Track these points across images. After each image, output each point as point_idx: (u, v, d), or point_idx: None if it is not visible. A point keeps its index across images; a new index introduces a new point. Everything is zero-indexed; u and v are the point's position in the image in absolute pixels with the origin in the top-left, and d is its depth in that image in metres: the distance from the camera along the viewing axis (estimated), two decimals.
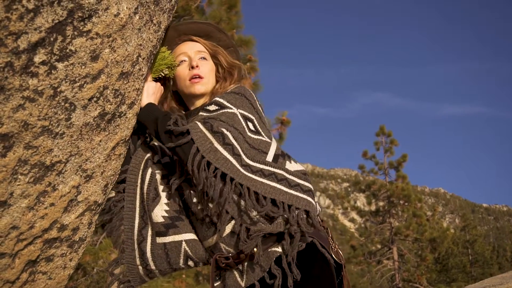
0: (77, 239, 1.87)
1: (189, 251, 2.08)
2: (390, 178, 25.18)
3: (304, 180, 2.01)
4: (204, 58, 2.28)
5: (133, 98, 1.89)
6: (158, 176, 2.13)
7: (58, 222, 1.74)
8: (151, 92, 2.07)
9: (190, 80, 2.23)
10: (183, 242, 2.08)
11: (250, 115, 2.08)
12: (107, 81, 1.70)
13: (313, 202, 1.98)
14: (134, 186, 2.12)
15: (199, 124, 1.93)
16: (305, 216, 1.91)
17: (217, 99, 2.08)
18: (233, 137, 1.93)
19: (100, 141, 1.79)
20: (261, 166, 1.95)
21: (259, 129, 2.08)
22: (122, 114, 1.86)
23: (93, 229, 1.93)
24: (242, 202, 1.90)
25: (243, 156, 1.93)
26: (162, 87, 2.18)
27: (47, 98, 1.52)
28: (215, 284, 2.01)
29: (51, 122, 1.57)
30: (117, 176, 2.00)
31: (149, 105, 2.03)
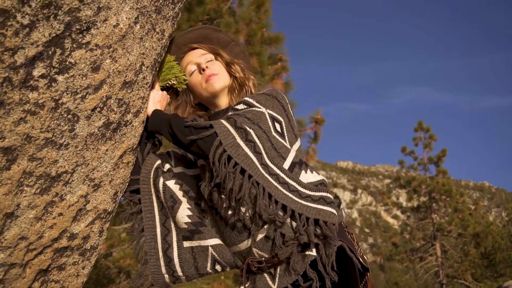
0: (89, 247, 1.89)
1: (216, 255, 2.08)
2: (431, 173, 24.83)
3: (315, 191, 1.98)
4: (211, 60, 2.32)
5: (139, 107, 1.90)
6: (170, 184, 2.13)
7: (68, 231, 1.77)
8: (157, 100, 2.09)
9: (206, 81, 2.27)
10: (210, 248, 2.09)
11: (279, 117, 2.09)
12: (109, 91, 1.72)
13: (330, 211, 1.93)
14: (149, 195, 2.13)
15: (222, 120, 1.96)
16: (313, 225, 1.88)
17: (246, 98, 2.12)
18: (256, 135, 1.94)
19: (107, 150, 1.81)
20: (278, 171, 1.95)
21: (285, 132, 2.08)
22: (128, 123, 1.88)
23: (105, 236, 1.95)
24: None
25: (264, 155, 1.94)
26: (168, 96, 2.20)
27: (48, 110, 1.55)
28: (244, 287, 2.01)
29: (55, 134, 1.60)
30: (127, 184, 2.03)
31: (156, 111, 2.05)
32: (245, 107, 2.07)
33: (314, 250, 1.89)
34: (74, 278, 1.88)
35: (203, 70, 2.27)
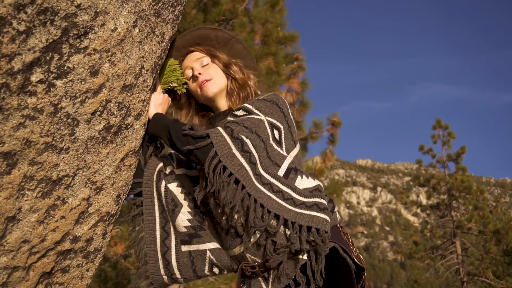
0: (92, 250, 1.91)
1: (214, 259, 2.13)
2: (450, 170, 24.61)
3: (310, 197, 1.99)
4: (205, 64, 2.30)
5: (140, 110, 1.92)
6: (172, 187, 2.16)
7: (71, 234, 1.79)
8: (158, 103, 2.10)
9: (200, 88, 2.27)
10: (208, 251, 2.13)
11: (278, 124, 2.09)
12: (109, 94, 1.73)
13: (323, 218, 1.94)
14: (151, 198, 2.16)
15: (220, 128, 1.96)
16: (306, 232, 1.90)
17: (246, 105, 2.11)
18: (252, 144, 1.95)
19: (108, 153, 1.83)
20: (272, 180, 1.96)
21: (283, 139, 2.09)
22: (129, 126, 1.89)
23: (109, 239, 1.97)
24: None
25: (258, 165, 1.94)
26: (169, 98, 2.21)
27: (47, 115, 1.56)
28: None
29: (54, 138, 1.62)
30: (129, 187, 2.04)
31: (157, 115, 2.06)
32: (244, 113, 2.08)
33: (305, 255, 1.93)
34: (78, 280, 1.90)
35: (196, 77, 2.28)
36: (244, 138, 1.94)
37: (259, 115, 2.05)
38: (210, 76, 2.27)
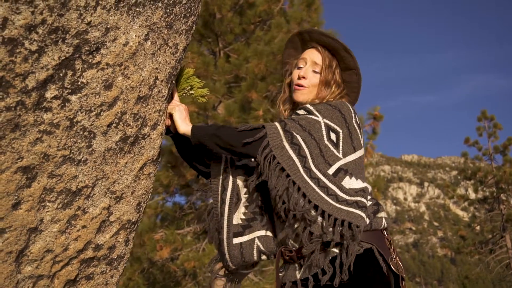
0: (115, 257, 1.97)
1: (261, 246, 2.28)
2: (497, 163, 24.07)
3: (353, 196, 2.09)
4: (316, 72, 2.39)
5: (156, 120, 1.97)
6: (239, 182, 2.37)
7: (93, 243, 1.86)
8: (183, 117, 2.22)
9: (295, 85, 2.41)
10: (256, 239, 2.29)
11: (337, 127, 2.20)
12: (124, 106, 1.79)
13: (359, 214, 2.03)
14: (216, 193, 2.37)
15: (276, 122, 2.15)
16: (340, 226, 1.99)
17: (307, 105, 2.26)
18: (302, 139, 2.10)
19: (126, 163, 1.89)
20: (320, 176, 2.09)
21: (341, 143, 2.19)
22: (146, 136, 1.94)
23: (131, 246, 2.03)
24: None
25: (309, 159, 2.09)
26: (187, 107, 2.29)
27: (64, 129, 1.63)
28: (280, 274, 2.24)
29: (72, 151, 1.68)
30: (150, 194, 2.10)
31: (195, 127, 2.21)
32: (304, 113, 2.23)
33: (338, 248, 2.04)
34: (103, 286, 1.97)
35: (300, 78, 2.39)
36: (294, 133, 2.10)
37: (317, 116, 2.19)
38: (307, 85, 2.37)
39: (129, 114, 1.82)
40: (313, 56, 2.42)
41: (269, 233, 2.30)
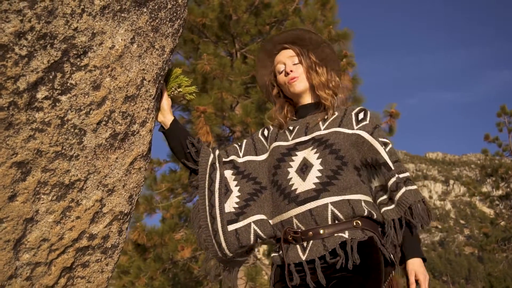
0: (110, 246, 2.11)
1: (258, 230, 2.37)
2: None
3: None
4: (296, 63, 2.56)
5: (144, 117, 2.10)
6: (227, 175, 2.51)
7: (87, 232, 2.00)
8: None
9: (288, 82, 2.53)
10: (252, 224, 2.39)
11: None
12: (112, 105, 1.92)
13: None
14: (203, 189, 2.49)
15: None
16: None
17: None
18: None
19: (117, 158, 2.03)
20: None
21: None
22: (136, 132, 2.08)
23: (125, 236, 2.17)
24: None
25: None
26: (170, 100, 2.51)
27: (55, 127, 1.77)
28: (275, 255, 2.35)
29: (64, 147, 1.82)
30: (141, 188, 2.24)
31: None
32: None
33: (347, 233, 2.16)
34: (99, 274, 2.11)
35: (287, 73, 2.53)
36: None
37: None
38: (298, 75, 2.53)
39: (117, 113, 1.96)
40: (285, 55, 2.57)
41: (264, 217, 2.39)
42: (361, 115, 2.41)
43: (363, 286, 2.06)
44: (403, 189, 2.23)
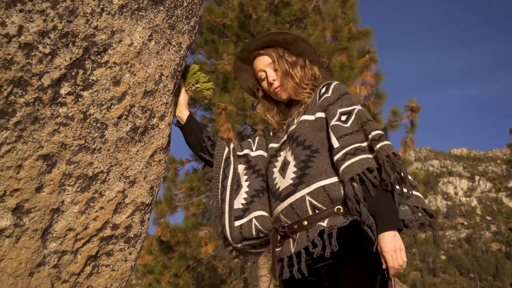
0: (132, 235, 2.20)
1: (258, 225, 2.48)
2: None
3: None
4: (276, 69, 2.55)
5: (163, 111, 2.19)
6: (240, 170, 2.62)
7: (110, 222, 2.09)
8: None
9: (273, 91, 2.57)
10: (253, 219, 2.49)
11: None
12: (132, 100, 2.01)
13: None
14: (217, 182, 2.59)
15: None
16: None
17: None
18: None
19: (137, 151, 2.11)
20: None
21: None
22: (155, 126, 2.17)
23: (147, 226, 2.26)
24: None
25: None
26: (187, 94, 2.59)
27: (78, 121, 1.86)
28: (276, 249, 2.40)
29: (87, 140, 1.91)
30: (162, 179, 2.32)
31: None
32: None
33: (325, 221, 2.21)
34: (122, 262, 2.20)
35: (271, 83, 2.54)
36: None
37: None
38: (280, 83, 2.53)
39: (137, 107, 2.04)
40: (262, 62, 2.57)
41: (265, 213, 2.49)
42: (323, 90, 2.44)
43: (349, 271, 2.10)
44: (347, 162, 2.20)
